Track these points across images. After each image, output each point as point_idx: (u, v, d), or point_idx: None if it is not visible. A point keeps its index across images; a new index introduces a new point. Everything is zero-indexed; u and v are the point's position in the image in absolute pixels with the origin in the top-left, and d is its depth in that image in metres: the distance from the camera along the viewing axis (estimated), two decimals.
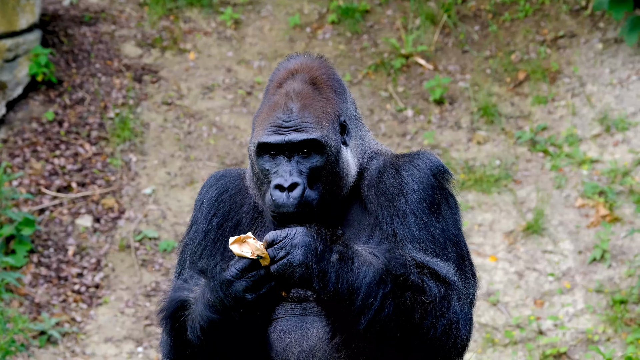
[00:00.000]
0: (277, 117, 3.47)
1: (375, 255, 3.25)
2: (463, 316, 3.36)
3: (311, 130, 3.45)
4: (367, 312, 3.20)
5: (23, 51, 9.81)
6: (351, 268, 3.21)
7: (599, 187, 8.92)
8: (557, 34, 10.34)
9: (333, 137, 3.49)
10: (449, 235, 3.49)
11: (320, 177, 3.46)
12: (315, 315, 3.46)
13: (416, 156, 3.57)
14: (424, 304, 3.25)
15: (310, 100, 3.50)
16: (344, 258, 3.22)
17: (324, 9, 10.92)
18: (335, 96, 3.57)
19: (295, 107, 3.48)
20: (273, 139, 3.45)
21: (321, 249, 3.21)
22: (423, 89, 10.23)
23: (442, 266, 3.37)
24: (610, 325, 8.09)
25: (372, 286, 3.20)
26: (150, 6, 10.87)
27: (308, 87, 3.53)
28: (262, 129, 3.48)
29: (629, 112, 9.52)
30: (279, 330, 3.49)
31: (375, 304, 3.20)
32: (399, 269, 3.23)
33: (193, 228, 3.71)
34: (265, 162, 3.48)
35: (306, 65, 3.60)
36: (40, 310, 8.46)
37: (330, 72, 3.61)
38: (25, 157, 9.45)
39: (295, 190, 3.40)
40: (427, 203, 3.48)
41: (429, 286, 3.27)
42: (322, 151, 3.46)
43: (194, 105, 10.12)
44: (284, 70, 3.60)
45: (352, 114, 3.64)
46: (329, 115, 3.51)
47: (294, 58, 3.64)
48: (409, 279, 3.24)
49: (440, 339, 3.29)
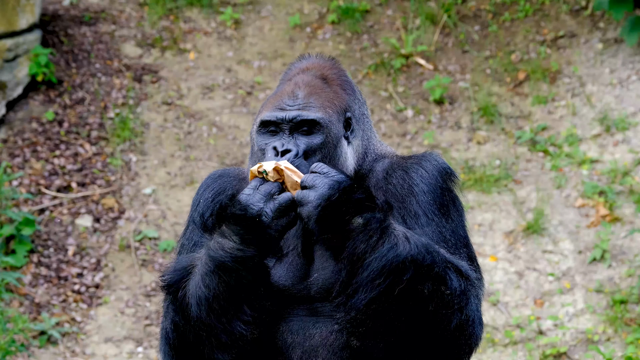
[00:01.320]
0: (283, 100, 3.50)
1: (407, 239, 3.23)
2: (478, 315, 3.37)
3: (313, 111, 3.46)
4: (369, 289, 3.20)
5: (23, 51, 9.81)
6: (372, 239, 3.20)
7: (599, 187, 8.93)
8: (557, 34, 10.34)
9: (335, 124, 3.50)
10: (459, 237, 3.51)
11: (315, 156, 3.47)
12: (318, 316, 3.46)
13: (423, 158, 3.57)
14: (442, 295, 3.24)
15: (317, 90, 3.53)
16: (370, 228, 3.20)
17: (324, 9, 10.92)
18: (344, 93, 3.59)
19: (301, 94, 3.51)
20: (274, 116, 3.46)
21: (354, 197, 3.20)
22: (423, 89, 10.23)
23: (463, 263, 3.38)
24: (610, 325, 8.09)
25: (386, 269, 3.18)
26: (150, 6, 10.87)
27: (318, 80, 3.57)
28: (266, 110, 3.50)
29: (629, 112, 9.52)
30: (282, 330, 3.48)
31: (381, 285, 3.19)
32: (427, 259, 3.22)
33: (190, 228, 3.70)
34: (265, 138, 3.49)
35: (318, 65, 3.63)
36: (40, 310, 8.46)
37: (341, 73, 3.64)
38: (25, 157, 9.45)
39: (287, 155, 3.41)
40: (437, 204, 3.49)
41: (451, 279, 3.26)
42: (321, 131, 3.46)
43: (194, 105, 10.12)
44: (295, 69, 3.64)
45: (360, 113, 3.65)
46: (334, 105, 3.53)
47: (306, 58, 3.68)
48: (434, 269, 3.23)
49: (454, 333, 3.28)
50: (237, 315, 3.31)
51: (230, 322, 3.32)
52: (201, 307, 3.31)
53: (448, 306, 3.24)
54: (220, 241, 3.29)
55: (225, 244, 3.28)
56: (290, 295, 3.47)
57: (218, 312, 3.31)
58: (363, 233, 3.20)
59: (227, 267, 3.28)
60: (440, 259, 3.26)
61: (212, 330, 3.33)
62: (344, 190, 3.22)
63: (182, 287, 3.37)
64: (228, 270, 3.28)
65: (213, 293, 3.30)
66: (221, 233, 3.30)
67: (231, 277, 3.28)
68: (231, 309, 3.31)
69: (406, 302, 3.21)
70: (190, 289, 3.34)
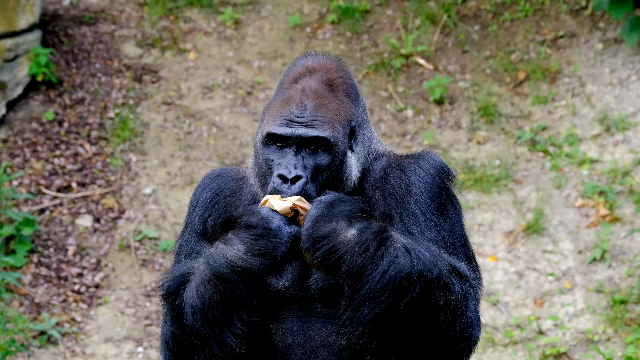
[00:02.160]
0: (290, 111, 3.45)
1: (408, 251, 3.21)
2: (476, 316, 3.37)
3: (322, 129, 3.43)
4: (371, 304, 3.19)
5: (23, 51, 9.81)
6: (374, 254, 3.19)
7: (599, 187, 8.92)
8: (557, 34, 10.34)
9: (342, 140, 3.48)
10: (457, 236, 3.50)
11: (323, 176, 3.45)
12: (317, 317, 3.46)
13: (421, 157, 3.56)
14: (450, 302, 3.23)
15: (325, 100, 3.49)
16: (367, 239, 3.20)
17: (324, 9, 10.92)
18: (349, 101, 3.55)
19: (310, 105, 3.46)
20: (283, 131, 3.42)
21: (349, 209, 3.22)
22: (423, 89, 10.23)
23: (461, 264, 3.37)
24: (610, 325, 8.09)
25: (389, 286, 3.17)
26: (150, 6, 10.87)
27: (324, 87, 3.52)
28: (273, 120, 3.46)
29: (629, 112, 9.52)
30: (281, 331, 3.47)
31: (386, 302, 3.18)
32: (433, 271, 3.21)
33: (188, 229, 3.68)
34: (270, 152, 3.46)
35: (324, 66, 3.58)
36: (40, 310, 8.46)
37: (347, 76, 3.60)
38: (25, 157, 9.45)
39: (297, 182, 3.39)
40: (434, 204, 3.48)
41: (453, 283, 3.26)
42: (330, 151, 3.44)
43: (194, 105, 10.12)
44: (301, 67, 3.58)
45: (362, 119, 3.63)
46: (341, 118, 3.49)
47: (312, 56, 3.62)
48: (442, 279, 3.22)
49: (457, 337, 3.28)
50: (228, 327, 3.29)
51: (222, 334, 3.29)
52: (196, 317, 3.29)
53: (454, 312, 3.24)
54: (222, 248, 3.26)
55: (228, 251, 3.25)
56: (290, 296, 3.47)
57: (212, 323, 3.28)
58: (358, 244, 3.19)
59: (224, 277, 3.25)
60: (444, 265, 3.25)
61: (206, 340, 3.31)
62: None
63: (179, 295, 3.35)
64: (224, 280, 3.25)
65: (208, 303, 3.27)
66: (225, 240, 3.28)
67: (227, 288, 3.25)
68: (224, 319, 3.28)
69: (414, 314, 3.20)
70: (186, 298, 3.32)
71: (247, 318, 3.29)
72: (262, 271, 3.24)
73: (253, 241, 3.22)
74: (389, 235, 3.21)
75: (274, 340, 3.47)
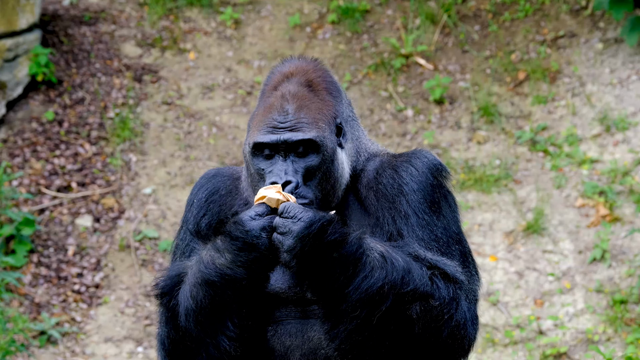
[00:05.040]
0: (273, 118, 3.45)
1: (385, 261, 3.20)
2: (470, 315, 3.35)
3: (307, 130, 3.43)
4: (347, 321, 3.19)
5: (23, 51, 9.81)
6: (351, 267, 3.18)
7: (599, 187, 8.92)
8: (557, 34, 10.34)
9: (329, 138, 3.47)
10: (451, 234, 3.48)
11: (315, 177, 3.44)
12: (315, 318, 3.45)
13: (413, 155, 3.55)
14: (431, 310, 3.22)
15: (306, 101, 3.48)
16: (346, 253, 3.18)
17: (324, 8, 10.92)
18: (331, 98, 3.55)
19: (291, 109, 3.46)
20: (268, 139, 3.42)
21: (326, 230, 3.19)
22: (423, 89, 10.23)
23: (450, 265, 3.35)
24: (610, 325, 8.09)
25: (360, 301, 3.17)
26: (150, 6, 10.86)
27: (304, 89, 3.51)
28: (258, 129, 3.46)
29: (629, 112, 9.52)
30: (279, 333, 3.47)
31: (359, 317, 3.18)
32: (408, 281, 3.20)
33: (183, 229, 3.69)
34: (260, 162, 3.46)
35: (301, 68, 3.57)
36: (40, 310, 8.47)
37: (326, 74, 3.59)
38: (25, 157, 9.45)
39: (286, 188, 3.38)
40: (427, 202, 3.46)
41: (439, 287, 3.25)
42: (318, 151, 3.44)
43: (194, 105, 10.12)
44: (278, 74, 3.58)
45: (347, 115, 3.62)
46: (325, 116, 3.49)
47: (288, 61, 3.62)
48: (418, 290, 3.21)
49: (446, 341, 3.27)
50: (221, 330, 3.30)
51: (215, 336, 3.31)
52: (189, 319, 3.31)
53: (437, 319, 3.24)
54: (212, 255, 3.28)
55: (217, 259, 3.27)
56: (287, 298, 3.46)
57: (204, 325, 3.30)
58: (338, 266, 3.19)
59: (213, 283, 3.26)
60: (421, 275, 3.24)
61: (200, 342, 3.33)
62: (316, 234, 3.21)
63: (174, 296, 3.37)
64: (214, 286, 3.26)
65: (200, 305, 3.29)
66: (215, 247, 3.29)
67: (216, 294, 3.26)
68: (216, 322, 3.30)
69: (390, 327, 3.20)
70: (180, 300, 3.34)
71: (239, 322, 3.30)
72: (248, 280, 3.26)
73: (237, 252, 3.25)
74: (364, 250, 3.21)
75: (273, 342, 3.46)
